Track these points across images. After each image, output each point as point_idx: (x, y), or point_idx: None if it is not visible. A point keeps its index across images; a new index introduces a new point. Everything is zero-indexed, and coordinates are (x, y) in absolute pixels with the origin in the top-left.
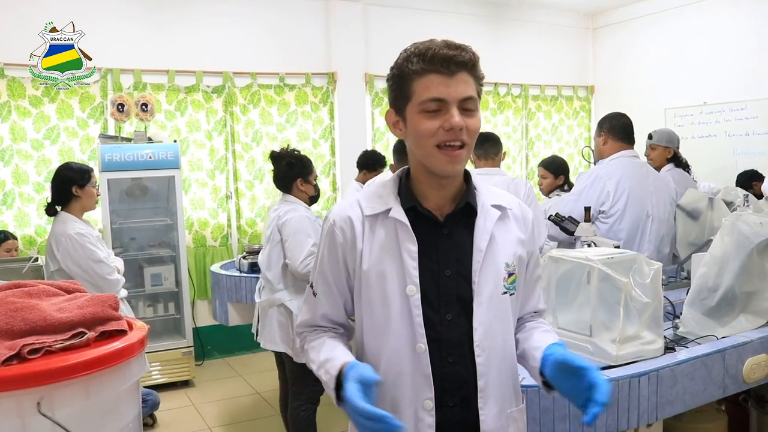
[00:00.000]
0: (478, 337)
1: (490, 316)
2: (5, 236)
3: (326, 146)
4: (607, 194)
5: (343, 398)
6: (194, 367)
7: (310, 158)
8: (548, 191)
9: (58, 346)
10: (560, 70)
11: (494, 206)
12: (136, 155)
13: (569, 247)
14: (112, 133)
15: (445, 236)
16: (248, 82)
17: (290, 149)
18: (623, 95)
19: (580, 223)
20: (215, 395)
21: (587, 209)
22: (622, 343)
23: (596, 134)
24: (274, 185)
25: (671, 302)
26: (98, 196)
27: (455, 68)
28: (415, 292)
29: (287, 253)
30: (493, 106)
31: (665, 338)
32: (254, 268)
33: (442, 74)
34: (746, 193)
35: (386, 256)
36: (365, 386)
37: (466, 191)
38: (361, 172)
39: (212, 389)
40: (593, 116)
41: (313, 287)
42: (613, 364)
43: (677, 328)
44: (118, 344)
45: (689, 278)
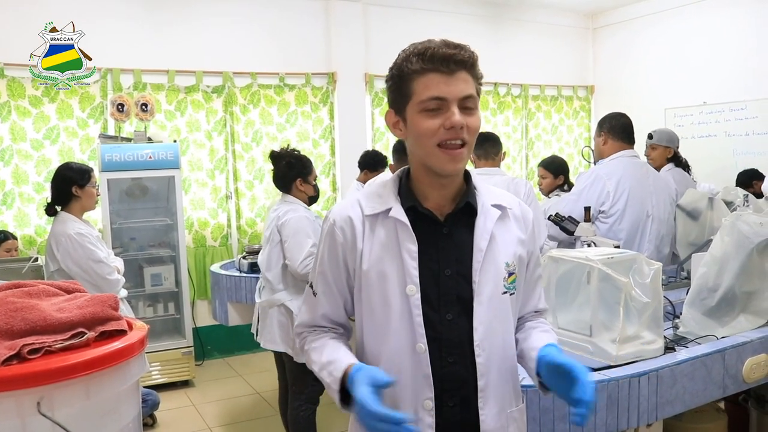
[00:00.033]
0: (478, 336)
1: (490, 315)
2: (5, 236)
3: (326, 146)
4: (607, 194)
5: (353, 401)
6: (194, 367)
7: (309, 158)
8: (548, 191)
9: (58, 346)
10: (560, 70)
11: (494, 206)
12: (136, 155)
13: (569, 247)
14: (112, 133)
15: (445, 236)
16: (248, 82)
17: (290, 149)
18: (623, 95)
19: (580, 223)
20: (215, 395)
21: (587, 209)
22: (622, 343)
23: (596, 134)
24: (274, 185)
25: (671, 302)
26: (98, 196)
27: (455, 67)
28: (415, 291)
29: (287, 253)
30: (493, 106)
31: (665, 338)
32: (254, 268)
33: (441, 73)
34: (746, 193)
35: (386, 255)
36: (377, 389)
37: (466, 191)
38: (362, 171)
39: (212, 389)
40: (593, 116)
41: (312, 287)
42: (613, 364)
43: (677, 328)
44: (118, 344)
45: (689, 278)
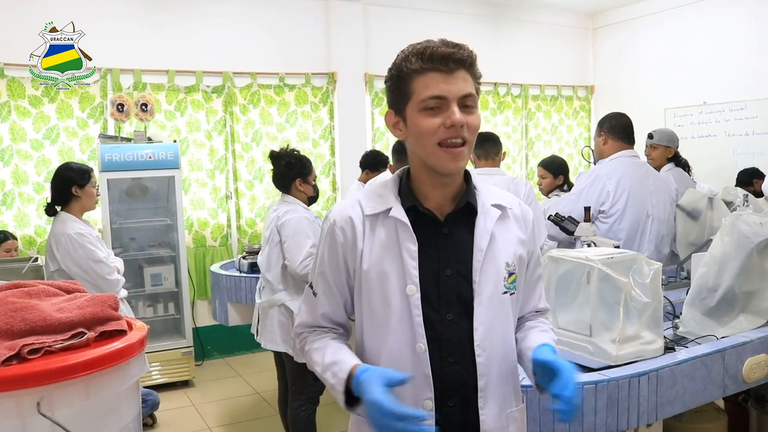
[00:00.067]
0: (478, 336)
1: (490, 315)
2: (5, 236)
3: (326, 146)
4: (607, 194)
5: (361, 402)
6: (194, 367)
7: (309, 158)
8: (548, 191)
9: (57, 346)
10: (560, 70)
11: (494, 206)
12: (135, 155)
13: (569, 247)
14: (111, 133)
15: (445, 236)
16: (248, 82)
17: (290, 149)
18: (623, 95)
19: (579, 223)
20: (215, 395)
21: (587, 209)
22: (621, 343)
23: (596, 134)
24: (273, 185)
25: (671, 302)
26: (98, 196)
27: (454, 66)
28: (415, 291)
29: (286, 254)
30: (492, 106)
31: (665, 338)
32: (254, 268)
33: (441, 72)
34: (746, 193)
35: (386, 255)
36: (389, 388)
37: (466, 191)
38: (363, 171)
39: (212, 389)
40: (593, 116)
41: (312, 287)
42: (612, 364)
43: (677, 328)
44: (117, 344)
45: (689, 278)
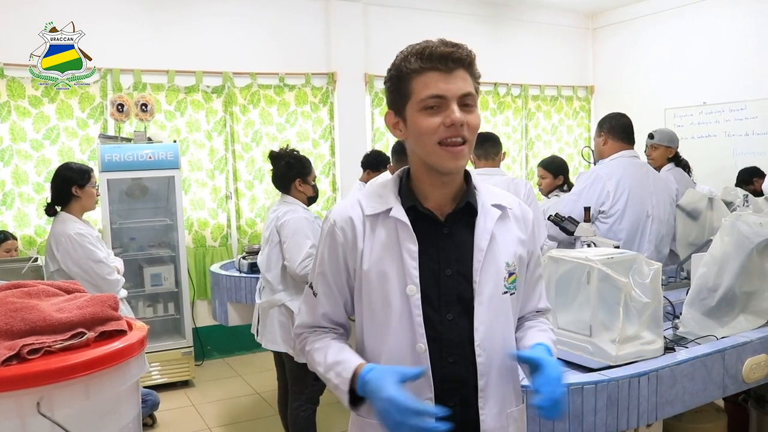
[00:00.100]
0: (479, 336)
1: (490, 315)
2: (5, 236)
3: (326, 146)
4: (607, 194)
5: (367, 401)
6: (194, 367)
7: (309, 158)
8: (547, 191)
9: (57, 346)
10: (560, 70)
11: (494, 206)
12: (135, 155)
13: (569, 247)
14: (111, 133)
15: (445, 236)
16: (248, 82)
17: (289, 149)
18: (623, 95)
19: (579, 223)
20: (215, 395)
21: (587, 209)
22: (621, 343)
23: (596, 134)
24: (273, 185)
25: (671, 302)
26: (98, 196)
27: (453, 65)
28: (415, 291)
29: (285, 254)
30: (492, 106)
31: (665, 338)
32: (254, 268)
33: (440, 71)
34: (746, 193)
35: (387, 255)
36: (404, 383)
37: (466, 191)
38: (365, 171)
39: (212, 389)
40: (593, 116)
41: (312, 287)
42: (612, 364)
43: (677, 328)
44: (117, 344)
45: (689, 278)
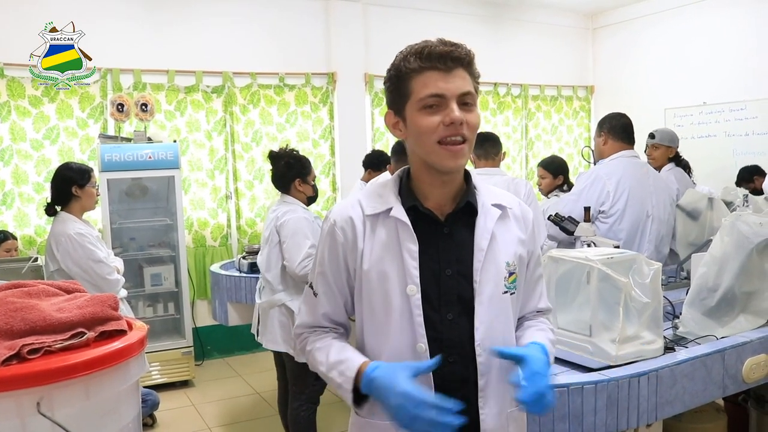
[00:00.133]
0: (479, 336)
1: (491, 315)
2: (5, 236)
3: (326, 146)
4: (607, 194)
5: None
6: (194, 367)
7: (308, 158)
8: (547, 191)
9: (57, 346)
10: (560, 70)
11: (494, 205)
12: (135, 155)
13: (569, 247)
14: (111, 133)
15: (445, 236)
16: (248, 82)
17: (289, 149)
18: (623, 95)
19: (579, 223)
20: (215, 395)
21: (587, 209)
22: (621, 343)
23: (596, 134)
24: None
25: (671, 302)
26: (98, 196)
27: (452, 64)
28: (415, 291)
29: (285, 254)
30: (492, 106)
31: (665, 338)
32: (254, 268)
33: (439, 70)
34: (746, 193)
35: (387, 255)
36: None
37: (466, 190)
38: (366, 171)
39: (212, 389)
40: (593, 116)
41: (312, 287)
42: (612, 364)
43: (677, 328)
44: (117, 344)
45: (689, 278)
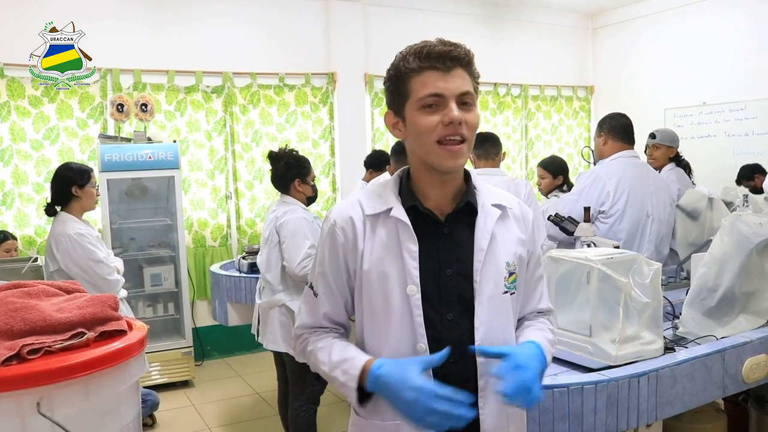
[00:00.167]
0: (479, 336)
1: (491, 315)
2: (5, 236)
3: (326, 146)
4: (607, 194)
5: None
6: (194, 367)
7: (308, 159)
8: (547, 191)
9: (57, 346)
10: (560, 70)
11: (494, 205)
12: (135, 155)
13: (569, 247)
14: (111, 133)
15: (445, 236)
16: (248, 82)
17: (288, 149)
18: (623, 95)
19: (579, 223)
20: (215, 395)
21: (587, 209)
22: (621, 343)
23: (596, 134)
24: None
25: (671, 302)
26: (98, 196)
27: (451, 64)
28: (415, 291)
29: (284, 255)
30: (492, 106)
31: (665, 338)
32: (254, 268)
33: (438, 70)
34: (746, 193)
35: (387, 255)
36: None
37: (466, 190)
38: (367, 171)
39: (212, 389)
40: (593, 116)
41: (313, 288)
42: (612, 364)
43: (677, 328)
44: (117, 344)
45: (689, 278)
